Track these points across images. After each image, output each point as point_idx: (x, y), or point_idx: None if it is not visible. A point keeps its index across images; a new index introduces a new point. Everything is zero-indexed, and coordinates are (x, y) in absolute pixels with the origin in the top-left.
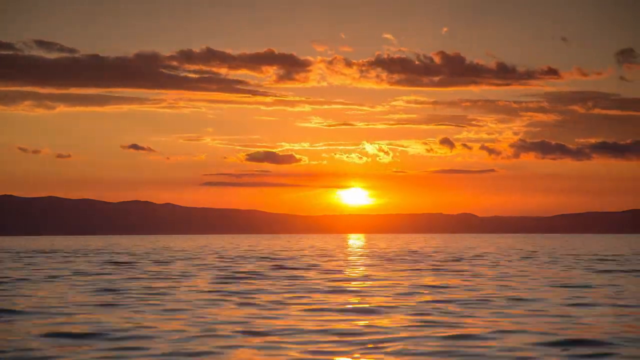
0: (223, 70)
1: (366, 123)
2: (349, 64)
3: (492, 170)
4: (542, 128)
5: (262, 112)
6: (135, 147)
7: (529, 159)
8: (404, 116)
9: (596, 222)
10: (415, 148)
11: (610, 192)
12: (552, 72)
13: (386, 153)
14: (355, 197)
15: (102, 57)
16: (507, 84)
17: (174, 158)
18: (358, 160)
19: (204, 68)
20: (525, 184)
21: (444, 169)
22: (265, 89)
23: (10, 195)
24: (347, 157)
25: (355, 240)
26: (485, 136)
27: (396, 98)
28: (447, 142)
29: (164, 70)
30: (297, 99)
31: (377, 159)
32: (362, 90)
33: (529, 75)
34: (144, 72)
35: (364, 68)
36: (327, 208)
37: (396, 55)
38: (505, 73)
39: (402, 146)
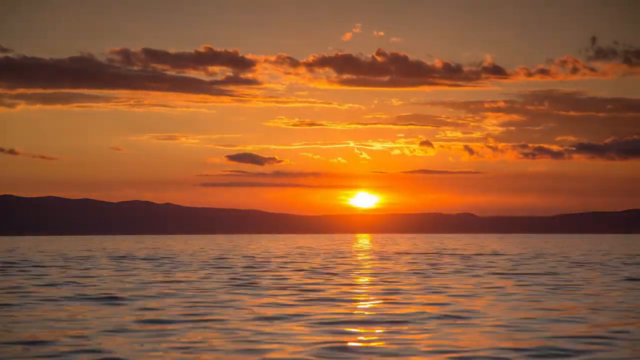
0: (168, 69)
1: (333, 122)
2: (294, 63)
3: (478, 172)
4: (511, 127)
5: (226, 111)
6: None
7: (510, 158)
8: (375, 116)
9: (596, 222)
10: (386, 147)
11: (610, 193)
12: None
13: (368, 153)
14: (353, 198)
15: (38, 58)
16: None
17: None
18: (343, 160)
19: (149, 66)
20: (508, 183)
21: (425, 169)
22: (220, 88)
23: (10, 195)
24: (340, 158)
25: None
26: (461, 135)
27: (356, 97)
28: (426, 142)
29: (109, 69)
30: (254, 97)
31: (361, 157)
32: (315, 89)
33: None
34: (84, 72)
35: (310, 68)
36: (327, 208)
37: (342, 54)
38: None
39: (377, 146)
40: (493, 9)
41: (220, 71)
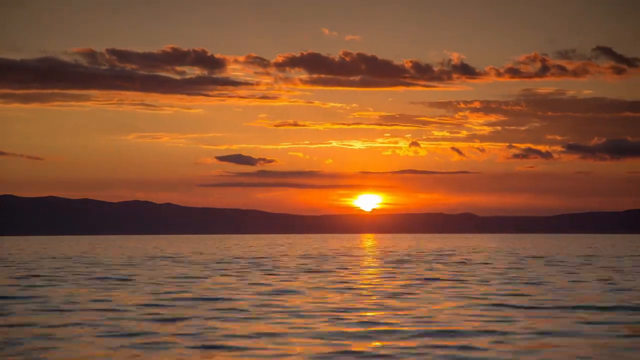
0: (138, 69)
1: (316, 122)
2: (264, 63)
3: (465, 172)
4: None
5: (208, 111)
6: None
7: (498, 159)
8: (356, 116)
9: (596, 222)
10: (373, 147)
11: (610, 193)
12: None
13: (355, 153)
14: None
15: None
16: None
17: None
18: (331, 160)
19: (117, 66)
20: (500, 184)
21: (413, 169)
22: (195, 88)
23: (11, 195)
24: (330, 159)
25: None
26: (447, 135)
27: (335, 97)
28: (414, 142)
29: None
30: (230, 97)
31: (349, 157)
32: (291, 89)
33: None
34: (53, 72)
35: (281, 68)
36: (326, 208)
37: (310, 53)
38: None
39: (361, 146)
40: (454, 7)
41: (189, 70)
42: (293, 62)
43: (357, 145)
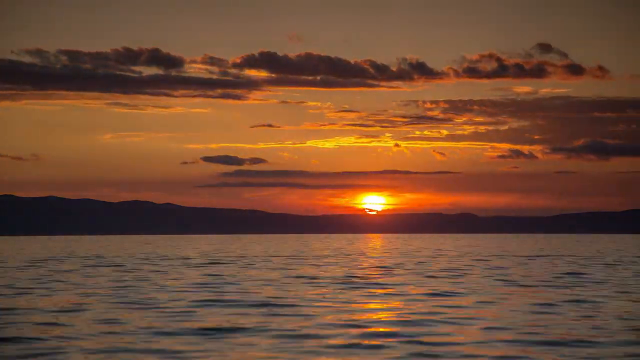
0: (99, 68)
1: (289, 122)
2: (222, 63)
3: (449, 172)
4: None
5: (179, 111)
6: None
7: (483, 159)
8: (329, 116)
9: (596, 222)
10: (351, 146)
11: (610, 192)
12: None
13: (336, 152)
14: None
15: None
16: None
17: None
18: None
19: (70, 66)
20: (486, 184)
21: (397, 170)
22: (158, 88)
23: (11, 195)
24: (314, 159)
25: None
26: (428, 134)
27: (308, 96)
28: (396, 143)
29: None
30: (195, 96)
31: (332, 157)
32: (255, 89)
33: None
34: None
35: (240, 68)
36: (327, 208)
37: (266, 53)
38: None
39: (337, 145)
40: (409, 9)
41: (144, 70)
42: (250, 62)
43: (330, 144)
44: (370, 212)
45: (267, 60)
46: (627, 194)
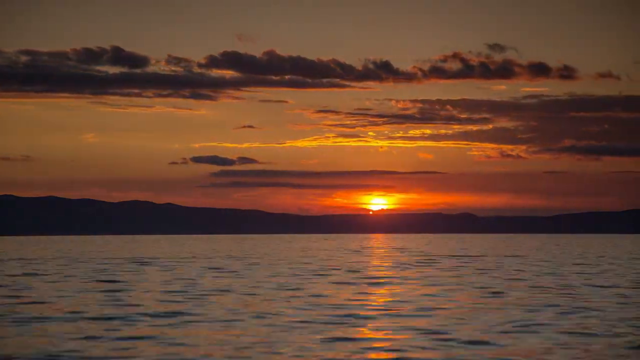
0: (68, 68)
1: (268, 121)
2: (188, 64)
3: (438, 172)
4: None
5: (159, 112)
6: None
7: (472, 158)
8: (318, 115)
9: (596, 222)
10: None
11: (609, 192)
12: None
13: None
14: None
15: None
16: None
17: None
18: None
19: (31, 65)
20: (478, 184)
21: (385, 170)
22: (130, 88)
23: (11, 195)
24: (305, 159)
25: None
26: (416, 134)
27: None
28: (385, 142)
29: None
30: (170, 97)
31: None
32: (228, 89)
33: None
34: None
35: (207, 68)
36: (326, 208)
37: (231, 53)
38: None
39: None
40: (378, 7)
41: (108, 69)
42: (216, 62)
43: (301, 144)
44: (370, 213)
45: (232, 60)
46: (621, 194)
